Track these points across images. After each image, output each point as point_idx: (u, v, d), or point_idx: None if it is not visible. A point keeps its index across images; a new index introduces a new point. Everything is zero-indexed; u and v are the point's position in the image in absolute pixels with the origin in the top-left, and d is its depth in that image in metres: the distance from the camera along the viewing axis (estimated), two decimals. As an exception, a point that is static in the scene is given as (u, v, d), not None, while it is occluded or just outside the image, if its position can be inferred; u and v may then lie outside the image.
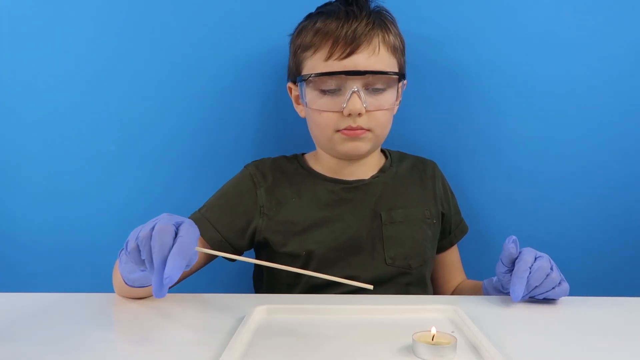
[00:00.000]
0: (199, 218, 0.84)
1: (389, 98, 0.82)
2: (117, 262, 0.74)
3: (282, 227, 0.84)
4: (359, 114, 0.79)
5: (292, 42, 0.87)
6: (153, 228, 0.56)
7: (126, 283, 0.67)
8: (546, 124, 1.01)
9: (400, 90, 0.85)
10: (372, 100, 0.80)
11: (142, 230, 0.57)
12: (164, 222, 0.57)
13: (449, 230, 0.94)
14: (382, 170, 0.90)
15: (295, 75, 0.85)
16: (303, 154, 0.94)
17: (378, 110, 0.81)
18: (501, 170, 1.03)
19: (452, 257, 0.97)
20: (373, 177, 0.89)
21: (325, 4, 0.87)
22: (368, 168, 0.89)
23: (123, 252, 0.64)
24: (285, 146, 0.99)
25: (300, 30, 0.85)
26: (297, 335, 0.58)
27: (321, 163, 0.90)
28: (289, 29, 0.89)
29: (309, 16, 0.86)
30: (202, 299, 0.71)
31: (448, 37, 0.99)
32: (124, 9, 0.97)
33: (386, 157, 0.94)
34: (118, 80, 0.98)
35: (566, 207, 1.03)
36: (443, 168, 0.96)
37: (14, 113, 0.98)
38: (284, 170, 0.89)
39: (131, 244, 0.58)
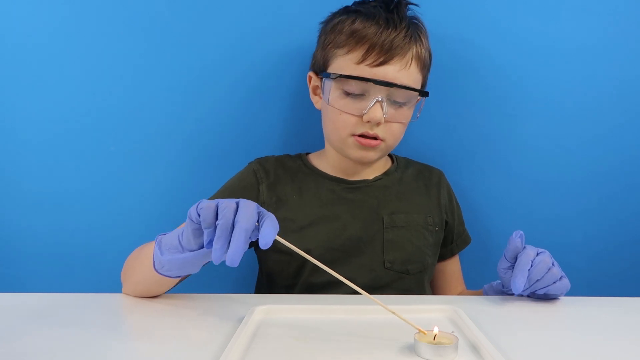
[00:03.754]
0: None
1: (408, 112, 0.82)
2: (139, 251, 0.73)
3: (281, 224, 0.83)
4: (378, 124, 0.79)
5: (323, 33, 0.85)
6: (237, 203, 0.57)
7: (157, 270, 0.65)
8: (548, 130, 1.01)
9: (419, 103, 0.84)
10: (392, 112, 0.80)
11: (224, 201, 0.57)
12: (247, 201, 0.58)
13: (451, 240, 0.94)
14: (386, 174, 0.90)
15: (322, 68, 0.84)
16: (307, 153, 0.94)
17: (395, 122, 0.81)
18: (503, 176, 1.02)
19: (453, 267, 0.97)
20: (376, 179, 0.89)
21: (363, 3, 0.84)
22: (372, 170, 0.90)
23: (164, 237, 0.64)
24: (293, 147, 0.99)
25: (335, 24, 0.83)
26: (297, 335, 0.58)
27: (327, 160, 0.90)
28: (304, 25, 0.88)
29: (346, 11, 0.83)
30: (202, 299, 0.71)
31: (451, 40, 0.99)
32: (132, 10, 0.96)
33: (392, 161, 0.94)
34: (120, 82, 0.98)
35: (567, 211, 1.03)
36: (445, 174, 0.95)
37: (16, 113, 0.98)
38: (286, 167, 0.90)
39: (206, 204, 0.57)
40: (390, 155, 0.95)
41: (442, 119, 1.01)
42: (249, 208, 0.56)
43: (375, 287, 0.83)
